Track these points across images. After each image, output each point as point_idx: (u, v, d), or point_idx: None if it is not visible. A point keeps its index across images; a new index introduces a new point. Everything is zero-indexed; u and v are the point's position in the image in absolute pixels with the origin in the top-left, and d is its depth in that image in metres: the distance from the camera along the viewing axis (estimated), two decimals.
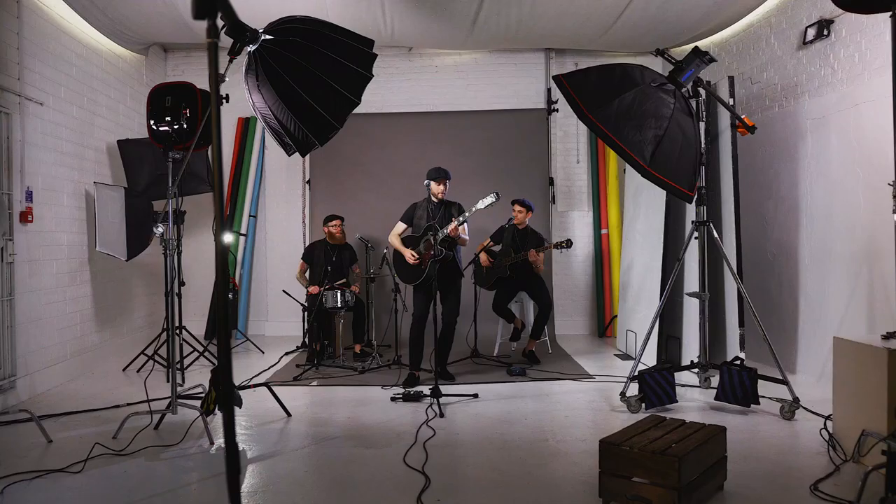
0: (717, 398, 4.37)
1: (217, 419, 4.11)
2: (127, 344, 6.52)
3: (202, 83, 4.44)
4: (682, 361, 5.69)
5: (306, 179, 7.91)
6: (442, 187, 5.16)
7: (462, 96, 7.86)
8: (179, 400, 4.01)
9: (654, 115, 3.69)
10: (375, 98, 7.75)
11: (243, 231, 7.72)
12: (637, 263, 6.38)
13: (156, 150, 5.23)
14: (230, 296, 5.87)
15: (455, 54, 7.88)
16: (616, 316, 7.31)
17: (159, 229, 3.70)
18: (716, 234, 4.40)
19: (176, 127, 3.92)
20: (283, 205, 8.00)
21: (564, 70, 7.91)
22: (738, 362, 4.34)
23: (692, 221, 4.44)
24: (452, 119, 7.71)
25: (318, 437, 3.93)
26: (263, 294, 7.96)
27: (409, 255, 5.16)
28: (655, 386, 4.33)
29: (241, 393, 4.25)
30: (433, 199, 5.22)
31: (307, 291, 6.44)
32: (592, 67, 3.94)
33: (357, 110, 7.83)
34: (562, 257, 7.81)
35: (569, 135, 7.93)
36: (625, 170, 7.22)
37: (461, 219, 4.99)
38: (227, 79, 3.92)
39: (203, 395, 4.14)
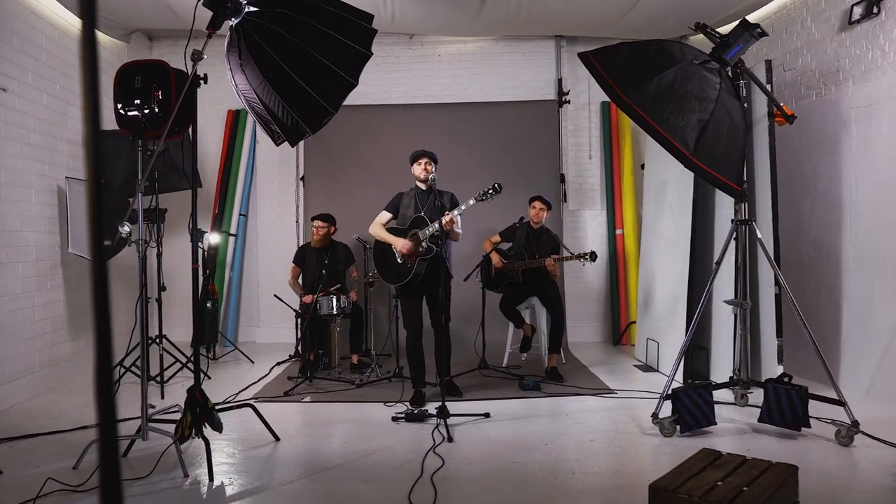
0: (761, 420, 3.87)
1: (195, 446, 3.60)
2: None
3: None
4: (711, 374, 5.20)
5: (300, 176, 7.41)
6: (423, 166, 4.59)
7: (467, 87, 7.36)
8: (151, 423, 3.51)
9: (698, 97, 3.19)
10: (374, 89, 7.27)
11: (233, 231, 7.21)
12: (659, 267, 5.88)
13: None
14: (208, 304, 5.40)
15: (459, 42, 7.38)
16: (633, 322, 6.82)
17: (125, 229, 3.19)
18: (759, 234, 3.90)
19: (146, 111, 3.40)
20: (276, 203, 7.50)
21: (576, 59, 7.44)
22: (785, 379, 3.85)
23: (732, 220, 3.94)
24: (456, 111, 7.21)
25: (310, 467, 3.43)
26: (255, 298, 7.45)
27: (403, 244, 4.54)
28: (692, 406, 3.83)
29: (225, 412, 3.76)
30: (419, 185, 4.70)
31: (301, 300, 5.93)
32: (623, 44, 3.43)
33: (355, 102, 7.34)
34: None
35: (580, 128, 7.44)
36: (643, 166, 6.72)
37: (456, 211, 4.40)
38: (205, 56, 3.44)
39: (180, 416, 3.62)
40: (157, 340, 5.24)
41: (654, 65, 3.24)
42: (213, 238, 6.77)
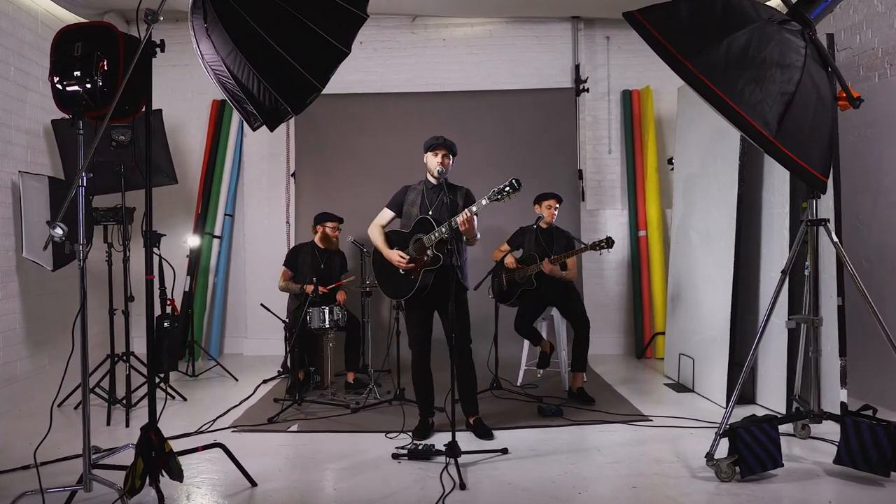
0: (837, 461, 3.21)
1: (151, 497, 2.94)
2: (70, 371, 5.31)
3: (177, 63, 3.33)
4: (757, 397, 4.56)
5: (291, 172, 6.75)
6: (440, 158, 3.85)
7: (474, 74, 6.70)
8: (96, 471, 2.85)
9: (780, 65, 2.54)
10: (372, 76, 6.63)
11: (217, 233, 6.56)
12: (693, 272, 5.21)
13: (96, 130, 4.06)
14: (166, 324, 4.75)
15: (466, 25, 6.73)
16: (660, 333, 6.16)
17: (57, 231, 2.54)
18: (835, 237, 3.24)
19: (88, 85, 2.75)
20: (265, 202, 6.84)
21: (594, 43, 6.81)
22: (868, 412, 3.19)
23: (806, 221, 3.27)
24: (463, 101, 6.54)
25: None
26: (242, 306, 6.79)
27: (396, 257, 3.85)
28: (754, 444, 3.17)
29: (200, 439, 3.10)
30: (430, 179, 3.99)
31: (301, 288, 5.17)
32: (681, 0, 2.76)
33: (351, 90, 6.65)
34: (592, 264, 6.64)
35: (599, 120, 6.78)
36: (670, 160, 6.06)
37: (475, 207, 3.60)
38: (160, 18, 2.79)
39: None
40: (124, 357, 4.58)
41: (722, 24, 2.59)
42: (193, 241, 6.13)
